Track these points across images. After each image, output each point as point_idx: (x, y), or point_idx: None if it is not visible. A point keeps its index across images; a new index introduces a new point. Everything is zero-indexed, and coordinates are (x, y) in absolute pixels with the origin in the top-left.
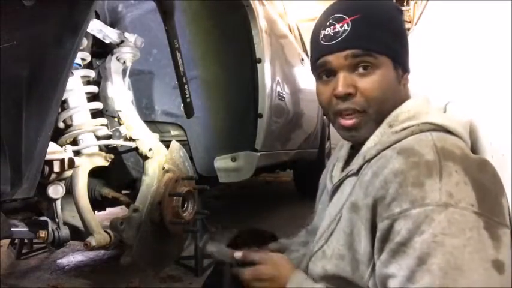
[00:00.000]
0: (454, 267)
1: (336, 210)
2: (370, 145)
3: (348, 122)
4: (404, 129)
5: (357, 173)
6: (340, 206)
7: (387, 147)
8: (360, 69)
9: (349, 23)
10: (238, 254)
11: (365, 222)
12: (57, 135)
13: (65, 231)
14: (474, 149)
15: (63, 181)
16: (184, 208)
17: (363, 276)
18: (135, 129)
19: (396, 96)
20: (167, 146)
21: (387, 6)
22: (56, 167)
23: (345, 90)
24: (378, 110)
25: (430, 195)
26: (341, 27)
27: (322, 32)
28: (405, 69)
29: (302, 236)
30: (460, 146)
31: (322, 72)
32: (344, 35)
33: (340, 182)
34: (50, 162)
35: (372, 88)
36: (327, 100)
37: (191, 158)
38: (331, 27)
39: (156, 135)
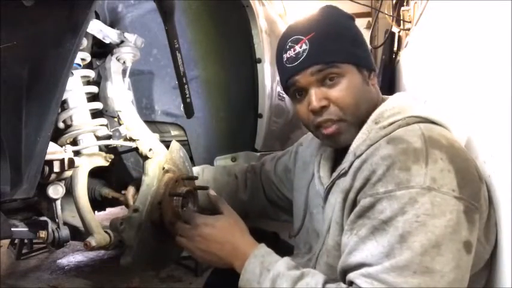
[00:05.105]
0: (433, 245)
1: (331, 210)
2: (358, 142)
3: (329, 130)
4: (391, 124)
5: (348, 170)
6: (334, 204)
7: (376, 142)
8: (328, 82)
9: (307, 42)
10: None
11: (350, 202)
12: (57, 135)
13: (65, 231)
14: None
15: (63, 181)
16: (185, 208)
17: None
18: (135, 129)
19: (368, 97)
20: (167, 146)
21: (337, 18)
22: (56, 167)
23: (318, 104)
24: (354, 114)
25: (415, 179)
26: (300, 47)
27: (285, 56)
28: (370, 69)
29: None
30: (446, 136)
31: (294, 91)
32: (305, 54)
33: (333, 183)
34: (50, 162)
35: (343, 96)
36: (305, 116)
37: (191, 158)
38: (291, 49)
39: (156, 135)
